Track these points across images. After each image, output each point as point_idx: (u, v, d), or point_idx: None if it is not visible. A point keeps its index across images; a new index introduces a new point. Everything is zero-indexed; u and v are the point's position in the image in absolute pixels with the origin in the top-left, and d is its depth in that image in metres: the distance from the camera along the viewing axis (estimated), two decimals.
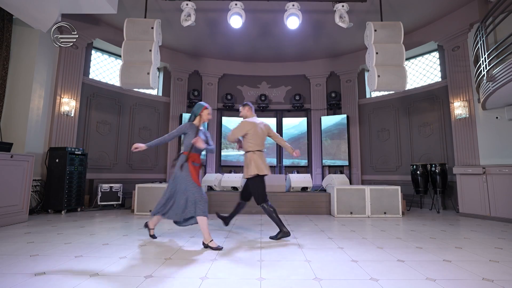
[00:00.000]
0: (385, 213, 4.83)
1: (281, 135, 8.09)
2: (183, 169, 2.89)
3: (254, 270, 2.18)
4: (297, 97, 8.02)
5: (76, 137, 5.75)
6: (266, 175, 3.28)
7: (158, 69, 7.34)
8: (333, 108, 7.92)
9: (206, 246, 2.80)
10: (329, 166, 7.75)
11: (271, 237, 3.22)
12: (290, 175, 5.75)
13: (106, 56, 6.88)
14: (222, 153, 8.00)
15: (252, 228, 3.81)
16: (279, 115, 8.23)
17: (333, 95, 7.83)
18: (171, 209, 2.94)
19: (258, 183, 3.25)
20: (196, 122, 3.09)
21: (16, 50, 5.01)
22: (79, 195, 5.16)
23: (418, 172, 5.77)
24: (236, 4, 4.90)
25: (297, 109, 8.16)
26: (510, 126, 4.94)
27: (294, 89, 8.28)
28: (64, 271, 2.08)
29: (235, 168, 7.81)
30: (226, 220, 3.68)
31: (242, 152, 3.66)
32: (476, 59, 4.93)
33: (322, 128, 7.84)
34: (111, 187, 5.67)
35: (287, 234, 3.16)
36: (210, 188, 5.70)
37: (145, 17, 4.93)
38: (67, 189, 4.91)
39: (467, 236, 3.42)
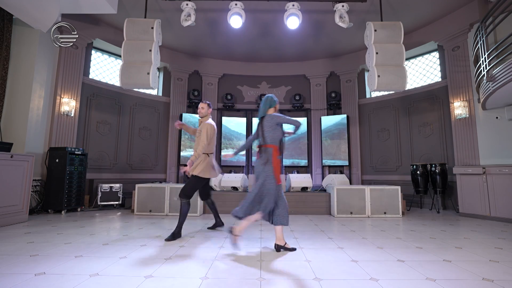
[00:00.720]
0: (385, 213, 4.83)
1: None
2: (268, 163, 2.71)
3: (254, 270, 2.18)
4: (297, 97, 8.01)
5: (76, 137, 5.75)
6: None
7: (158, 69, 7.34)
8: (333, 108, 7.92)
9: (279, 248, 2.75)
10: (329, 166, 7.75)
11: (166, 239, 3.09)
12: (290, 175, 5.75)
13: (106, 56, 6.88)
14: (222, 153, 7.99)
15: (252, 228, 3.81)
16: None
17: (333, 95, 7.83)
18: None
19: (197, 183, 3.36)
20: (270, 113, 2.92)
21: (16, 50, 5.01)
22: (79, 195, 5.16)
23: (418, 172, 5.77)
24: (236, 4, 4.91)
25: (297, 109, 8.16)
26: (510, 126, 4.93)
27: (294, 89, 8.28)
28: (64, 271, 2.08)
29: (235, 168, 7.81)
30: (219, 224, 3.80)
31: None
32: (476, 59, 4.93)
33: (322, 128, 7.84)
34: (111, 187, 5.67)
35: (178, 236, 3.20)
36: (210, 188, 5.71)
37: (145, 17, 4.93)
38: (67, 189, 4.91)
39: (467, 236, 3.42)
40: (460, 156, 5.51)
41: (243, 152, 7.81)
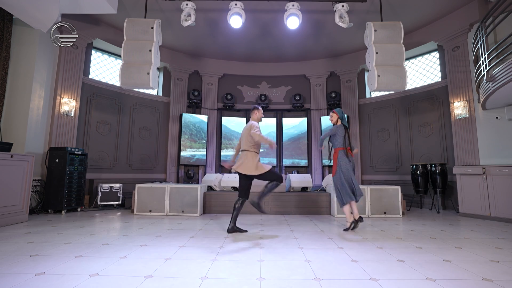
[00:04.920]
0: (385, 213, 4.83)
1: (281, 135, 8.11)
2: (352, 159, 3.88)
3: (254, 270, 2.18)
4: (297, 97, 8.02)
5: (76, 137, 5.75)
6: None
7: (158, 69, 7.34)
8: (333, 108, 7.91)
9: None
10: (329, 166, 7.73)
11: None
12: (290, 175, 5.75)
13: (106, 56, 6.88)
14: (222, 153, 8.01)
15: (252, 228, 3.81)
16: (279, 115, 8.23)
17: (333, 95, 7.83)
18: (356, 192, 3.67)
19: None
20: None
21: (16, 50, 5.01)
22: (79, 195, 5.16)
23: (418, 172, 5.77)
24: (236, 4, 4.91)
25: (297, 109, 8.16)
26: (510, 126, 4.93)
27: (294, 89, 8.28)
28: (64, 271, 2.08)
29: None
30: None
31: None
32: (476, 59, 4.93)
33: (322, 128, 7.84)
34: (111, 187, 5.67)
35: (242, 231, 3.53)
36: (210, 188, 5.71)
37: (145, 17, 4.93)
38: (67, 189, 4.91)
39: (467, 236, 3.42)
40: (460, 156, 5.51)
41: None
